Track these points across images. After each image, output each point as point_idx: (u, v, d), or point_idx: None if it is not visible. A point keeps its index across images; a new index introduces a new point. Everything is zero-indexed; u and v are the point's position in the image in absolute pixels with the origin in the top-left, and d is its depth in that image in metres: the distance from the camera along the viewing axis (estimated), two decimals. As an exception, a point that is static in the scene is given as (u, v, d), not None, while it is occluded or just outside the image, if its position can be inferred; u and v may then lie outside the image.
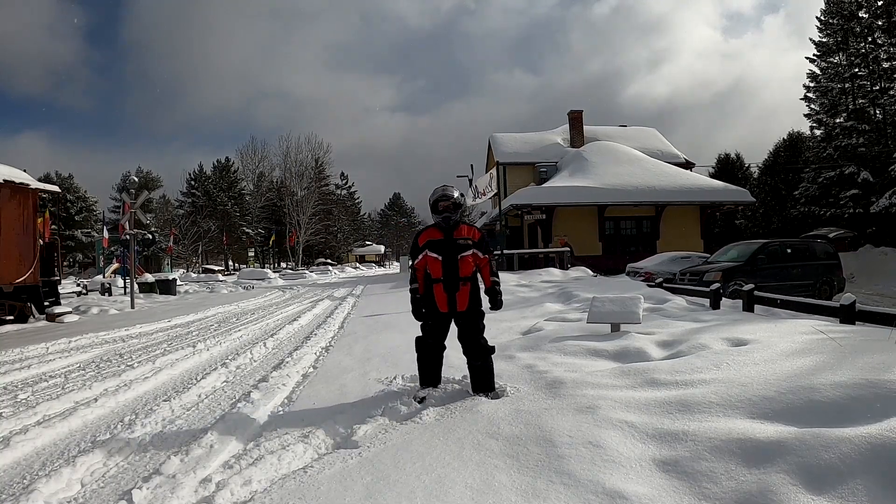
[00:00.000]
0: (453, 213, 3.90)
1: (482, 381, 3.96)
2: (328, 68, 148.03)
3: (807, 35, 45.66)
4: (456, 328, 4.02)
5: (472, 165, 24.62)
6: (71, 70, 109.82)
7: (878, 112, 29.36)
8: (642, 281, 13.88)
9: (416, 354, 4.11)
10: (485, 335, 4.02)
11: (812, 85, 31.97)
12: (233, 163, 59.30)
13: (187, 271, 44.56)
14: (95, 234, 41.38)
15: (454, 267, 3.84)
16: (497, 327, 7.39)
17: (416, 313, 4.07)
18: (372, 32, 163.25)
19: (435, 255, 3.87)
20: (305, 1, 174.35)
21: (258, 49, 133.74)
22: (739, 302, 7.78)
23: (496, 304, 4.02)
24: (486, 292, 4.00)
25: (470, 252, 3.89)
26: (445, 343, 4.06)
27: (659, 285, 10.47)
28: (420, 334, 4.05)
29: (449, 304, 3.87)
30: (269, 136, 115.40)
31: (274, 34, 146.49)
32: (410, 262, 4.13)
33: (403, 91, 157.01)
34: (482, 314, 4.01)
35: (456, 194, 3.96)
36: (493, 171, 23.87)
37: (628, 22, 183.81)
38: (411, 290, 4.07)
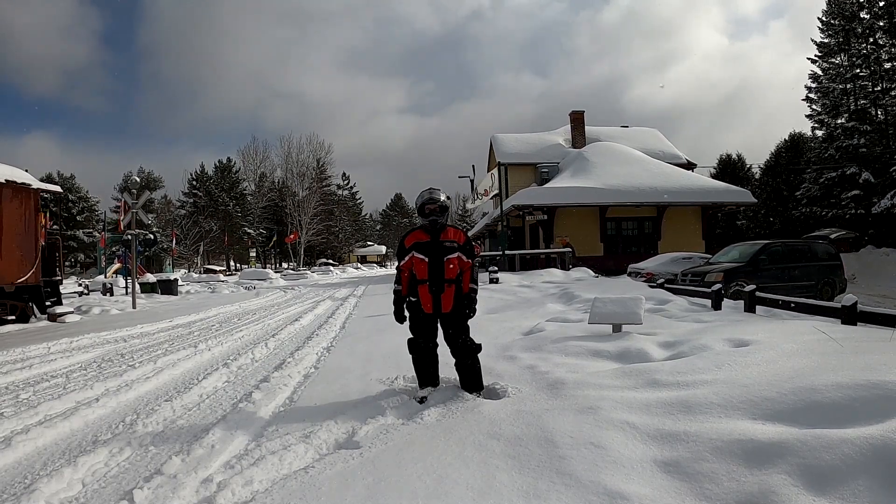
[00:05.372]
0: (440, 215, 3.95)
1: (470, 380, 4.01)
2: (341, 70, 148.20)
3: (809, 39, 45.81)
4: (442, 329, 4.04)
5: (473, 166, 24.76)
6: (84, 71, 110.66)
7: (879, 113, 29.32)
8: (644, 281, 13.87)
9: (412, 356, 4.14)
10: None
11: (814, 85, 31.94)
12: (234, 163, 59.43)
13: (189, 271, 44.59)
14: (97, 235, 41.42)
15: (440, 269, 3.87)
16: (499, 327, 7.39)
17: (398, 315, 4.10)
18: (385, 35, 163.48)
19: (421, 257, 3.91)
20: (319, 4, 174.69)
21: (271, 51, 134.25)
22: (741, 303, 7.77)
23: (470, 311, 4.01)
24: (462, 297, 3.98)
25: (455, 255, 3.93)
26: (437, 342, 4.07)
27: (660, 286, 10.46)
28: (411, 336, 4.08)
29: (434, 305, 3.90)
30: (279, 137, 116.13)
31: (287, 37, 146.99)
32: (396, 264, 4.16)
33: (413, 93, 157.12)
34: (467, 315, 4.02)
35: (442, 197, 3.99)
36: (492, 172, 23.90)
37: (636, 27, 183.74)
38: (394, 292, 4.11)
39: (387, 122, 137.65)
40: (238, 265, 56.53)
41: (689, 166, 28.98)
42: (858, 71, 29.85)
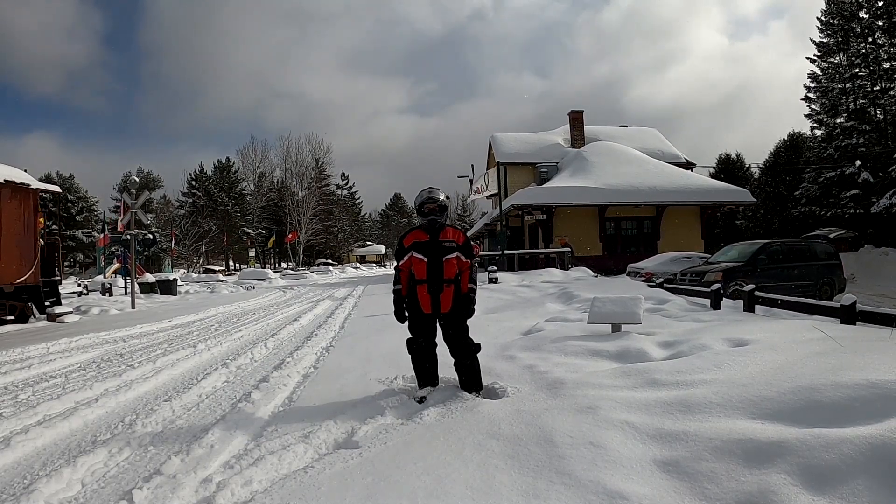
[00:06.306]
0: (439, 215, 3.95)
1: (470, 380, 4.01)
2: (341, 71, 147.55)
3: (808, 39, 46.21)
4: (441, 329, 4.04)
5: (472, 166, 24.71)
6: (85, 71, 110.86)
7: (878, 112, 29.34)
8: (643, 281, 13.88)
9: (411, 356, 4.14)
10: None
11: (813, 85, 31.95)
12: (233, 163, 59.38)
13: (188, 271, 44.59)
14: (96, 234, 41.39)
15: (439, 269, 3.86)
16: (498, 327, 7.39)
17: (399, 314, 4.10)
18: (386, 36, 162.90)
19: (420, 257, 3.90)
20: (319, 4, 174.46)
21: (271, 51, 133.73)
22: (740, 302, 7.78)
23: (468, 312, 3.99)
24: (460, 297, 3.97)
25: (454, 254, 3.92)
26: (436, 341, 4.07)
27: (659, 285, 10.47)
28: (410, 336, 4.08)
29: (433, 305, 3.89)
30: (278, 137, 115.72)
31: (288, 37, 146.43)
32: (395, 263, 4.17)
33: (414, 93, 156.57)
34: (466, 315, 4.01)
35: (442, 197, 3.99)
36: (491, 170, 23.89)
37: (637, 27, 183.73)
38: (394, 292, 4.10)
39: (387, 122, 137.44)
40: (237, 265, 56.50)
41: (689, 166, 29.01)
42: (857, 70, 29.88)
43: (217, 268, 46.82)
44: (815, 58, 31.91)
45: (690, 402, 2.94)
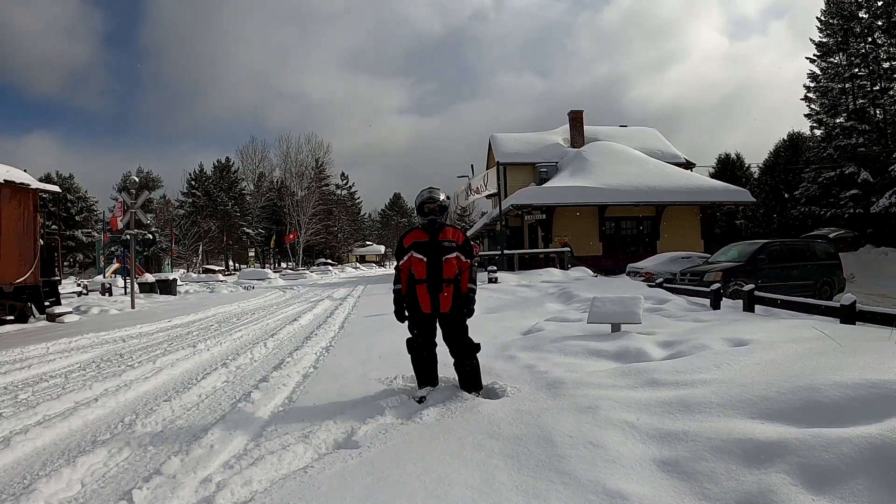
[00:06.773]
0: (439, 215, 3.95)
1: (469, 380, 4.01)
2: (342, 71, 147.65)
3: (808, 40, 46.43)
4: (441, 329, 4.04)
5: (472, 166, 24.73)
6: (86, 71, 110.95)
7: (877, 112, 29.35)
8: (642, 281, 13.88)
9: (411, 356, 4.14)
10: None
11: (812, 85, 31.96)
12: (233, 163, 59.38)
13: (188, 271, 44.57)
14: (96, 234, 41.40)
15: (438, 268, 3.86)
16: (497, 327, 7.39)
17: (399, 314, 4.10)
18: (387, 36, 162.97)
19: (420, 256, 3.90)
20: (320, 4, 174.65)
21: (272, 52, 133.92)
22: (740, 302, 7.77)
23: (467, 311, 3.99)
24: (460, 297, 3.97)
25: (454, 254, 3.92)
26: (436, 341, 4.07)
27: (659, 285, 10.47)
28: (409, 336, 4.08)
29: (432, 305, 3.89)
30: (277, 137, 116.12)
31: (288, 37, 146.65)
32: (395, 263, 4.18)
33: (414, 93, 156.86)
34: (465, 314, 4.01)
35: (442, 197, 3.99)
36: (491, 170, 23.88)
37: (637, 27, 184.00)
38: (395, 292, 4.10)
39: (387, 122, 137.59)
40: (237, 265, 56.48)
41: (688, 166, 29.01)
42: (857, 70, 29.89)
43: (217, 268, 46.83)
44: (815, 58, 31.91)
45: (690, 402, 2.94)
